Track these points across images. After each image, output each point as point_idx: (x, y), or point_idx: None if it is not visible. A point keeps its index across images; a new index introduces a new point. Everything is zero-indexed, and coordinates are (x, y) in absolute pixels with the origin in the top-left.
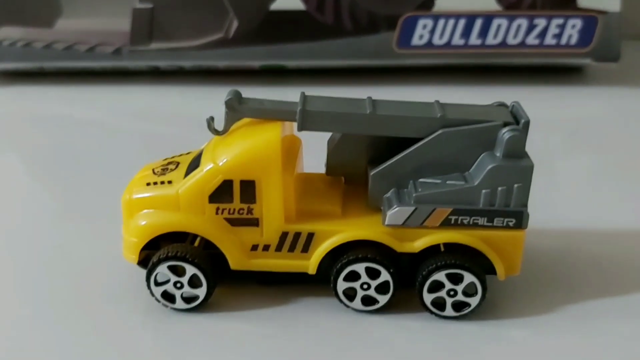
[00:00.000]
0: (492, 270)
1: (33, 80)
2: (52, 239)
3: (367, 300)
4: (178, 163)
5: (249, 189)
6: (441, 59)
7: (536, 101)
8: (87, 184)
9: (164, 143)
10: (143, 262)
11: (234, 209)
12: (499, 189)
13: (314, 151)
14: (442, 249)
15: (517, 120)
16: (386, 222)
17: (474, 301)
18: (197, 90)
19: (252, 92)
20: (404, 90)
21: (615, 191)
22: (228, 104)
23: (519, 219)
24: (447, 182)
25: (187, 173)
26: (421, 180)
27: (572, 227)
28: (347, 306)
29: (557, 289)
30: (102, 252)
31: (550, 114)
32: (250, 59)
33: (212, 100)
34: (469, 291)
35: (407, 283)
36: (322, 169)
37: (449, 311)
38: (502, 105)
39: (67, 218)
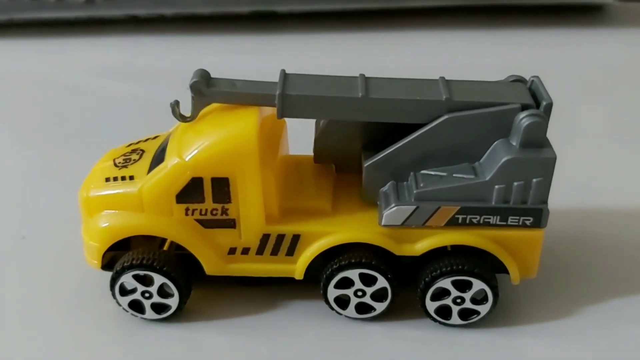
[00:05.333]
0: (505, 269)
1: (1, 34)
2: (20, 224)
3: (362, 308)
4: (142, 152)
5: (222, 187)
6: (446, 0)
7: (551, 45)
8: (59, 152)
9: (143, 102)
10: (109, 265)
11: (206, 210)
12: (515, 184)
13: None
14: (449, 249)
15: (537, 101)
16: (383, 223)
17: (483, 309)
18: (180, 41)
19: (240, 41)
20: (405, 36)
21: None
22: (194, 87)
23: (538, 217)
24: (454, 175)
25: (152, 166)
26: (423, 172)
27: (595, 203)
28: (340, 314)
29: (578, 287)
30: (72, 243)
31: (567, 59)
32: (238, 4)
33: (196, 51)
34: (478, 297)
35: (408, 283)
36: (311, 152)
37: (455, 319)
38: (519, 80)
39: (38, 191)
